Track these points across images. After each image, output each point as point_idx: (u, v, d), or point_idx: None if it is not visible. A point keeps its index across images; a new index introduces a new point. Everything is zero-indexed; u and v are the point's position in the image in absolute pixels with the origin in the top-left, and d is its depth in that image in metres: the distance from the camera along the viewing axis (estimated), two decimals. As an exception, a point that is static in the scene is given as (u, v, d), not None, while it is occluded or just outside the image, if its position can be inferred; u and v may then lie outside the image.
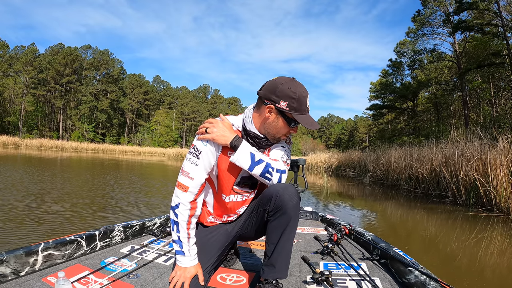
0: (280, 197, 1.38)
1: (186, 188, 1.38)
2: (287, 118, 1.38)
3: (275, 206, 1.40)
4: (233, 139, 1.36)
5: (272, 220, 1.43)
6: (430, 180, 8.36)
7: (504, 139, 6.16)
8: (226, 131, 1.36)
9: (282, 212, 1.39)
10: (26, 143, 35.25)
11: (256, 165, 1.37)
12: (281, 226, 1.41)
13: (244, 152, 1.36)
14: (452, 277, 2.56)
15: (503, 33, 16.39)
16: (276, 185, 1.42)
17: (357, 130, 78.40)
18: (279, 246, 1.43)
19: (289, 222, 1.40)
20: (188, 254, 1.41)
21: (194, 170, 1.38)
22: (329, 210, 5.85)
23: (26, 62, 52.81)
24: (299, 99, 1.35)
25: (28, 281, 1.48)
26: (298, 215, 1.44)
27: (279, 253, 1.44)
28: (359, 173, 14.88)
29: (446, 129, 18.84)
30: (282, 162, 1.48)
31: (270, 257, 1.46)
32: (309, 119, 1.40)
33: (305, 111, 1.39)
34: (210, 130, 1.36)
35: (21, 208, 4.16)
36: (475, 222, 5.01)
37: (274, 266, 1.45)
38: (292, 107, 1.35)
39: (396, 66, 28.24)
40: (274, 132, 1.42)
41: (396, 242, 2.09)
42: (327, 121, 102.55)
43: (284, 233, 1.42)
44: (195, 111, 73.47)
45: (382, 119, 31.41)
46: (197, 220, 1.56)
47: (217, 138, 1.35)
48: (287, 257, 1.48)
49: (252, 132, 1.44)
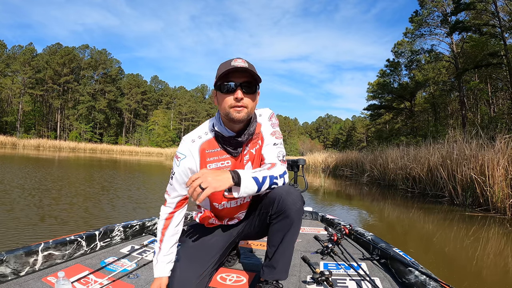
0: (284, 201, 1.36)
1: (165, 202, 1.48)
2: (218, 86, 1.35)
3: (278, 210, 1.38)
4: (232, 177, 1.24)
5: (275, 223, 1.41)
6: (427, 180, 8.39)
7: (502, 139, 6.18)
8: (218, 174, 1.22)
9: (284, 216, 1.37)
10: (24, 143, 35.11)
11: (262, 185, 1.30)
12: (283, 230, 1.40)
13: (247, 182, 1.26)
14: (450, 277, 2.57)
15: (500, 34, 16.46)
16: (281, 188, 1.38)
17: (355, 130, 78.56)
18: (280, 249, 1.42)
19: (291, 226, 1.39)
20: (155, 263, 1.46)
21: (170, 188, 1.46)
22: (326, 210, 5.86)
23: (23, 62, 52.61)
24: (224, 64, 1.33)
25: (28, 281, 1.48)
26: (301, 219, 1.42)
27: (280, 255, 1.43)
28: (357, 173, 14.91)
29: (443, 129, 18.88)
30: (280, 162, 1.44)
31: (271, 259, 1.45)
32: (229, 64, 1.31)
33: (230, 67, 1.29)
34: (204, 184, 1.18)
35: (21, 208, 4.15)
36: (472, 222, 5.03)
37: (275, 267, 1.45)
38: (218, 75, 1.32)
39: (394, 66, 28.29)
40: (223, 111, 1.36)
41: (393, 242, 2.10)
42: (325, 121, 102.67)
43: (286, 236, 1.40)
44: (193, 111, 73.39)
45: (380, 119, 31.48)
46: (199, 220, 1.57)
47: (218, 187, 1.20)
48: (288, 260, 1.46)
49: (219, 133, 1.41)
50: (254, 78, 1.34)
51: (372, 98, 30.04)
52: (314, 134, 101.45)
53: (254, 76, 1.32)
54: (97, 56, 62.85)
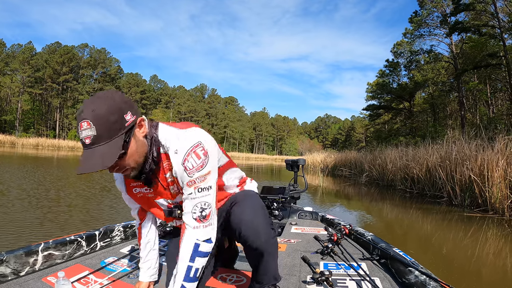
0: (244, 237, 1.23)
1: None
2: None
3: (242, 241, 1.26)
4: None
5: (245, 248, 1.31)
6: (425, 180, 8.40)
7: (501, 140, 6.19)
8: None
9: (250, 248, 1.26)
10: (23, 142, 35.04)
11: (192, 276, 1.13)
12: (257, 257, 1.30)
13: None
14: (449, 277, 2.57)
15: (499, 34, 16.48)
16: (239, 214, 1.25)
17: (354, 130, 78.70)
18: (261, 269, 1.34)
19: (263, 254, 1.27)
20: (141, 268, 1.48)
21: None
22: (325, 210, 5.86)
23: (23, 61, 52.53)
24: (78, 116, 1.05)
25: (28, 281, 1.48)
26: (272, 245, 1.30)
27: (263, 272, 1.34)
28: (355, 173, 14.92)
29: (442, 130, 18.90)
30: (195, 222, 1.14)
31: (255, 277, 1.39)
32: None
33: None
34: None
35: (21, 208, 4.14)
36: (470, 223, 5.04)
37: (262, 282, 1.38)
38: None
39: (393, 66, 28.32)
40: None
41: (392, 242, 2.10)
42: (324, 121, 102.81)
43: (262, 261, 1.30)
44: (192, 111, 73.42)
45: (379, 119, 31.51)
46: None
47: None
48: (274, 271, 1.38)
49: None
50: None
51: (371, 98, 30.09)
52: (313, 134, 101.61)
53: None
54: (96, 55, 62.81)
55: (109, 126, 0.99)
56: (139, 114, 1.11)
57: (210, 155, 1.14)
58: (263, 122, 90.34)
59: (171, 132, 1.18)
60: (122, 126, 1.03)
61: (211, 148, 1.16)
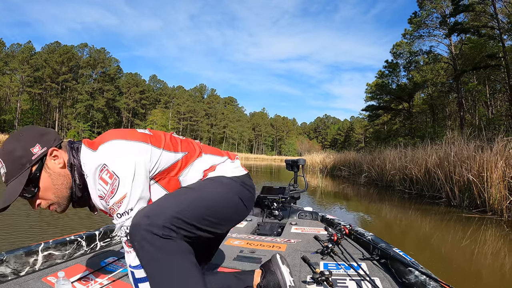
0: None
1: None
2: None
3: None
4: None
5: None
6: (424, 181, 8.42)
7: (500, 141, 6.20)
8: None
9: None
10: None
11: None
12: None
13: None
14: (449, 277, 2.57)
15: (499, 35, 16.52)
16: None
17: (353, 131, 78.78)
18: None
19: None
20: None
21: None
22: (324, 210, 5.86)
23: (22, 60, 52.48)
24: None
25: (28, 281, 1.47)
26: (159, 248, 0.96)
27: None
28: (354, 174, 14.93)
29: (441, 131, 18.95)
30: (126, 247, 1.02)
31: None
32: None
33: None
34: None
35: (20, 208, 4.13)
36: (469, 224, 5.04)
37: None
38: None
39: (392, 67, 28.34)
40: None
41: (392, 242, 2.10)
42: (324, 122, 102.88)
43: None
44: (192, 111, 73.40)
45: (378, 120, 31.54)
46: None
47: None
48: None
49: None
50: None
51: (371, 99, 30.11)
52: (312, 135, 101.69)
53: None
54: (96, 55, 62.78)
55: (14, 162, 0.99)
56: (52, 145, 1.05)
57: (122, 176, 0.99)
58: (262, 122, 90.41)
59: (86, 154, 1.06)
60: (28, 160, 1.00)
61: (122, 167, 1.00)
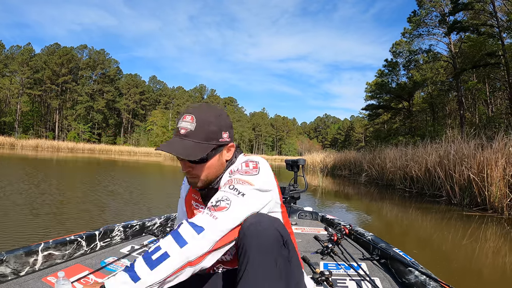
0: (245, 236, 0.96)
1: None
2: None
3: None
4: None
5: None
6: (424, 179, 8.41)
7: (501, 139, 6.20)
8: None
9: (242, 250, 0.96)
10: (22, 143, 34.97)
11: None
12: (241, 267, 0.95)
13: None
14: (449, 277, 2.57)
15: (498, 34, 16.49)
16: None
17: (353, 130, 78.72)
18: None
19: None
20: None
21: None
22: (324, 210, 5.86)
23: (22, 62, 52.45)
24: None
25: (28, 281, 1.47)
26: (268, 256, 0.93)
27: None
28: (355, 173, 14.92)
29: (441, 129, 18.91)
30: (208, 211, 0.97)
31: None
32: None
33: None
34: None
35: (20, 208, 4.14)
36: (469, 222, 5.04)
37: None
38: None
39: (392, 66, 28.30)
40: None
41: (392, 242, 2.10)
42: (324, 121, 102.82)
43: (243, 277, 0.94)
44: (192, 111, 73.26)
45: (378, 119, 31.50)
46: None
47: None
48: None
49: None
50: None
51: (370, 98, 30.05)
52: (312, 134, 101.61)
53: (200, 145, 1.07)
54: (95, 56, 62.73)
55: (206, 132, 1.08)
56: (233, 140, 1.19)
57: (262, 173, 1.08)
58: (262, 122, 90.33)
59: (241, 159, 1.20)
60: (216, 139, 1.11)
61: (266, 170, 1.11)
